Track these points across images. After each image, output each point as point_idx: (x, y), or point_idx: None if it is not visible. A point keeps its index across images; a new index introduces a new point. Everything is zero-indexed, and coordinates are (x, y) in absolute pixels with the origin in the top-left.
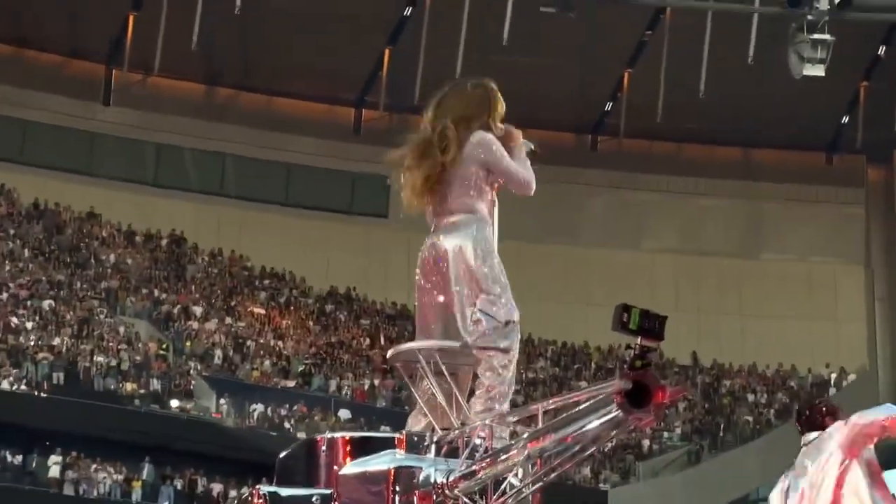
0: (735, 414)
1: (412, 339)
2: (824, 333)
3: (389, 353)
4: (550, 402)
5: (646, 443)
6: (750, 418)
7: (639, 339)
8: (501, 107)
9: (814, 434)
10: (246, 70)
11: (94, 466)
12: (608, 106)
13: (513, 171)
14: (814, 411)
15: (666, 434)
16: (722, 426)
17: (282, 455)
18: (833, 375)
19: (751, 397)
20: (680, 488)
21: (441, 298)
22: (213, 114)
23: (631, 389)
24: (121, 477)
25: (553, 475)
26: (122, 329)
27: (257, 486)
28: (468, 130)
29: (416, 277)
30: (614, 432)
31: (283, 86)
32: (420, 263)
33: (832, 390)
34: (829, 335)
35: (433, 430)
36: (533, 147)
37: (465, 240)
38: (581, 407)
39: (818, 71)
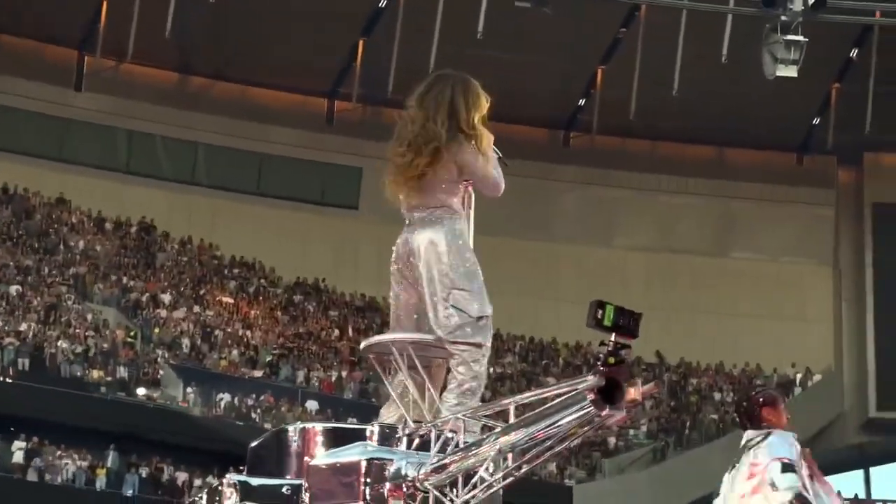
0: (701, 412)
1: (381, 331)
2: (792, 333)
3: (362, 344)
4: (523, 397)
5: (612, 440)
6: (716, 417)
7: (613, 336)
8: (485, 106)
9: (753, 434)
10: (220, 59)
11: (58, 453)
12: (581, 102)
13: (486, 174)
14: (751, 402)
15: (632, 431)
16: (688, 424)
17: (253, 444)
18: (799, 375)
19: (717, 396)
20: (645, 485)
21: (414, 293)
22: (186, 102)
23: (604, 386)
24: (85, 464)
25: (523, 470)
26: (89, 316)
27: (227, 476)
28: (453, 129)
29: (392, 270)
30: (586, 428)
31: (257, 76)
32: (394, 258)
33: (797, 390)
34: (797, 335)
35: (405, 422)
36: (500, 156)
37: (437, 234)
38: (554, 403)
39: (791, 72)
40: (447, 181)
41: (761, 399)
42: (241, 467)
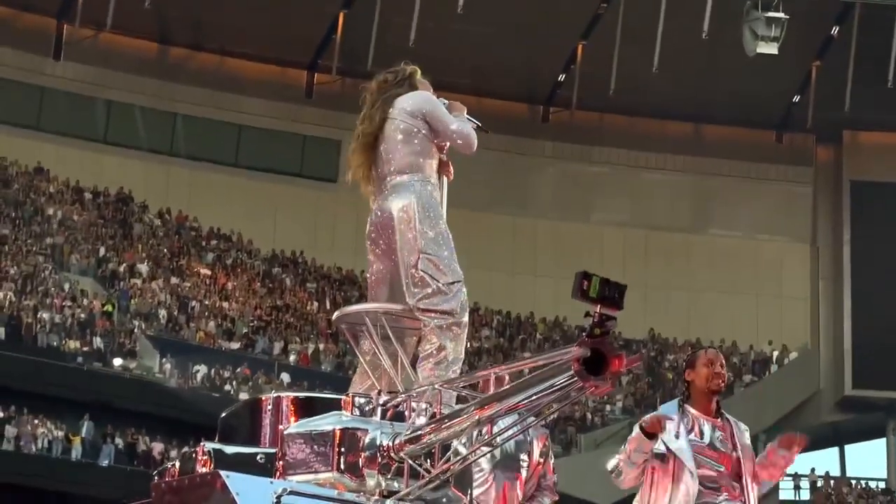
0: (677, 388)
1: (358, 303)
2: (769, 310)
3: (336, 314)
4: (504, 367)
5: (588, 415)
6: None
7: (598, 308)
8: (419, 75)
9: None
10: (199, 29)
11: (35, 422)
12: (561, 77)
13: (451, 122)
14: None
15: (608, 407)
16: (664, 400)
17: (224, 413)
18: (775, 353)
19: None
20: None
21: (388, 262)
22: (165, 72)
23: (589, 357)
24: (61, 434)
25: (499, 442)
26: (66, 286)
27: (202, 443)
28: (406, 85)
29: (367, 239)
30: (568, 400)
31: (236, 46)
32: (368, 229)
33: (774, 367)
34: (774, 312)
35: (378, 392)
36: (479, 125)
37: (409, 200)
38: (536, 373)
39: (771, 49)
40: (414, 140)
41: (684, 363)
42: (214, 438)
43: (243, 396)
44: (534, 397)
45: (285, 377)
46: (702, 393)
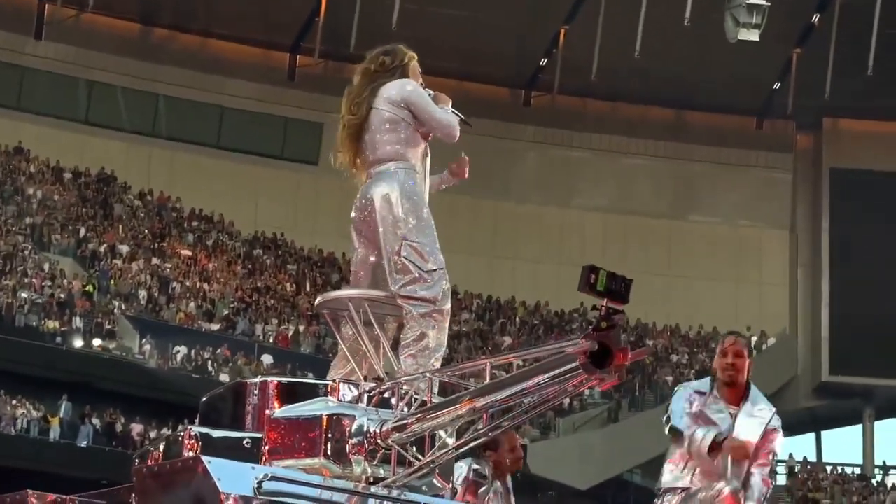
0: (656, 374)
1: (338, 286)
2: (747, 297)
3: (318, 300)
4: (502, 357)
5: (566, 399)
6: (670, 378)
7: (605, 301)
8: (414, 63)
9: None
10: (182, 10)
11: (13, 402)
12: (543, 62)
13: (434, 111)
14: None
15: (586, 392)
16: (643, 385)
17: (207, 397)
18: (754, 338)
19: (673, 358)
20: (600, 444)
21: (372, 248)
22: (147, 53)
23: (595, 350)
24: (39, 414)
25: (497, 432)
26: (46, 266)
27: (189, 427)
28: (393, 71)
29: (352, 225)
30: (567, 393)
31: (219, 28)
32: (353, 213)
33: (752, 353)
34: (753, 298)
35: (364, 378)
36: (464, 118)
37: (391, 188)
38: (538, 364)
39: (753, 36)
40: (398, 129)
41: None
42: (195, 420)
43: (223, 378)
44: (532, 389)
45: (266, 358)
46: (721, 382)
